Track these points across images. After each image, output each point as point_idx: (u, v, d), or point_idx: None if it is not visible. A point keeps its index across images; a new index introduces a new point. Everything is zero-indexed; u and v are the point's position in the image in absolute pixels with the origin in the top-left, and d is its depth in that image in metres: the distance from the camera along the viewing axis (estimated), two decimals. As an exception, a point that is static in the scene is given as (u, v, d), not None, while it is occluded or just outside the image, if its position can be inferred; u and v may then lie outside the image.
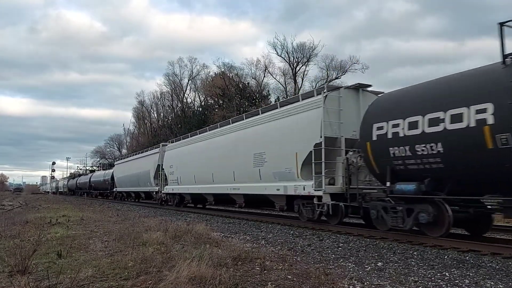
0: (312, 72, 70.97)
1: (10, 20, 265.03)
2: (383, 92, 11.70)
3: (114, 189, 38.47)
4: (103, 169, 65.97)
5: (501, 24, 7.36)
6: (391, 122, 9.16)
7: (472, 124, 7.50)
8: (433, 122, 8.24)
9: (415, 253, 7.58)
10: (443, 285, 5.18)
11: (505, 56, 7.34)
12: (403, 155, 8.84)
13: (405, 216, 8.95)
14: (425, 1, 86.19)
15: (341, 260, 6.94)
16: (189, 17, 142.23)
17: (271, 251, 7.69)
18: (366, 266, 6.35)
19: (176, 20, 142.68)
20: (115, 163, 42.29)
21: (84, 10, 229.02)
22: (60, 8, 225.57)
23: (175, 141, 24.53)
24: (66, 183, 74.24)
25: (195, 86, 62.22)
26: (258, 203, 16.84)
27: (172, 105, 66.35)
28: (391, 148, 9.10)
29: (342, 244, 8.72)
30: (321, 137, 11.37)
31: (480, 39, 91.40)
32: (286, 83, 48.40)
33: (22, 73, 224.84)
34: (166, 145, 25.56)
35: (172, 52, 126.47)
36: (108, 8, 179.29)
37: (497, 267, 6.31)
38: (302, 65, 47.26)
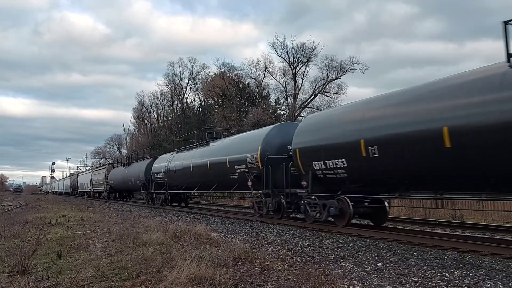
0: (312, 72, 70.59)
1: (14, 22, 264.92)
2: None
3: None
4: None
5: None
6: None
7: None
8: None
9: (415, 253, 7.58)
10: (443, 286, 5.18)
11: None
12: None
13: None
14: (424, 4, 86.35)
15: (341, 260, 6.94)
16: (192, 20, 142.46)
17: (271, 251, 7.69)
18: (366, 267, 6.36)
19: (179, 22, 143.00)
20: None
21: (88, 13, 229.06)
22: (64, 10, 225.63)
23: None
24: (104, 178, 39.40)
25: (195, 86, 62.29)
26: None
27: (172, 105, 66.36)
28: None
29: (342, 245, 8.72)
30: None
31: (479, 40, 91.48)
32: (286, 83, 48.29)
33: (25, 74, 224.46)
34: None
35: (174, 54, 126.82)
36: (112, 10, 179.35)
37: (497, 267, 6.31)
38: (302, 65, 47.15)
